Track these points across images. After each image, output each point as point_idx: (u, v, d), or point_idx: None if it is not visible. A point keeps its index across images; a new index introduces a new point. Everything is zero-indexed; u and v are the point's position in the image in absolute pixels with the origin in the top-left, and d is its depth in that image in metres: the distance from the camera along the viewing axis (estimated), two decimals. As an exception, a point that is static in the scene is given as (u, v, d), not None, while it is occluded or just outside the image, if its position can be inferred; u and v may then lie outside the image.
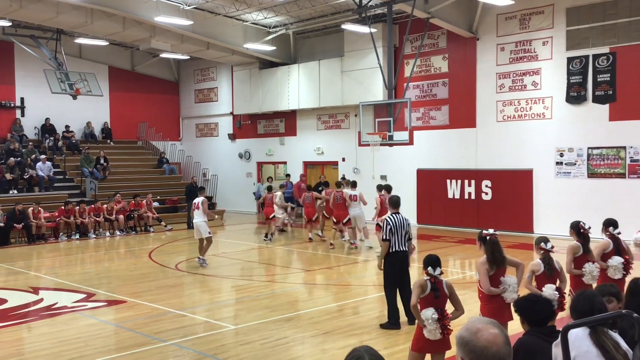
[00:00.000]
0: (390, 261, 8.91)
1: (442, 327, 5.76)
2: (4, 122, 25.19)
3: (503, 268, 6.56)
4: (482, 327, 2.44)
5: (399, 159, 21.62)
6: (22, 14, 19.60)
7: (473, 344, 2.40)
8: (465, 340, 2.43)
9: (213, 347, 8.22)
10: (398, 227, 8.88)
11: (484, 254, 6.60)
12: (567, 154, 18.03)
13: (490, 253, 6.54)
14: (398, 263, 8.93)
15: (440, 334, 5.75)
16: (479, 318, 2.55)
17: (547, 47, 18.27)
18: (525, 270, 6.84)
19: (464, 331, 2.46)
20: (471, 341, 2.41)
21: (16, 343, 8.81)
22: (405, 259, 9.04)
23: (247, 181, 27.50)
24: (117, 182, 24.36)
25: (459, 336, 2.47)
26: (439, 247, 16.28)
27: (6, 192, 21.43)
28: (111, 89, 28.02)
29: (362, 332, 8.72)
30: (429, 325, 5.73)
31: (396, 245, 8.86)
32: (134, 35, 22.13)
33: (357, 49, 22.05)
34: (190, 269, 14.37)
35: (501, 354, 2.39)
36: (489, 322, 2.48)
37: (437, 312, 5.79)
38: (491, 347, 2.38)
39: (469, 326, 2.48)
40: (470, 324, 2.49)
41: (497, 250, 6.55)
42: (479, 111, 19.91)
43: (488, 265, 6.51)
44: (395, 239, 8.84)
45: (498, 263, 6.51)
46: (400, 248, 8.89)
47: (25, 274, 14.00)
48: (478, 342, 2.39)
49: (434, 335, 5.73)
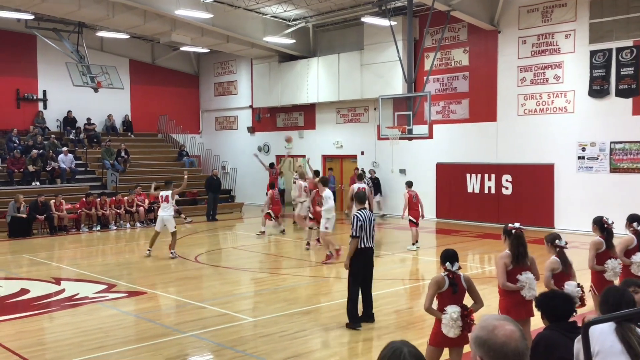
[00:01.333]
0: (358, 257, 8.71)
1: (464, 324, 5.69)
2: (27, 114, 25.49)
3: (524, 264, 6.46)
4: (498, 324, 2.43)
5: (418, 153, 21.53)
6: (44, 7, 19.79)
7: (492, 342, 2.39)
8: (482, 339, 2.41)
9: (232, 339, 8.27)
10: (367, 223, 8.74)
11: (507, 248, 6.53)
12: (589, 149, 17.81)
13: (515, 247, 6.45)
14: (364, 259, 8.79)
15: (461, 332, 5.68)
16: (492, 316, 2.53)
17: (570, 40, 18.04)
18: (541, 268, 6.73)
19: (480, 330, 2.45)
20: (489, 339, 2.39)
21: (38, 333, 8.93)
22: (371, 256, 8.95)
23: (266, 174, 27.54)
24: (138, 175, 24.55)
25: (474, 336, 2.46)
26: (458, 242, 16.20)
27: (29, 184, 21.70)
28: (132, 82, 28.23)
29: (381, 325, 8.71)
30: (452, 323, 5.66)
31: (365, 241, 8.72)
32: (154, 29, 22.25)
33: (377, 42, 21.96)
34: (210, 262, 14.46)
35: (520, 348, 2.38)
36: (503, 318, 2.47)
37: (460, 308, 5.72)
38: (510, 342, 2.38)
39: (483, 324, 2.47)
40: (485, 322, 2.48)
41: (522, 245, 6.48)
42: (499, 105, 19.74)
43: (508, 260, 6.44)
44: (364, 235, 8.70)
45: (521, 258, 6.44)
46: (368, 244, 8.77)
47: (47, 265, 14.19)
48: (497, 339, 2.38)
49: (453, 333, 5.67)
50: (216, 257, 15.35)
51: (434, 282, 5.87)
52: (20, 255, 15.69)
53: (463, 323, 5.66)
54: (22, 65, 25.28)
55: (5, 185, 21.49)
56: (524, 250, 6.46)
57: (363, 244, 8.69)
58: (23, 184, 21.62)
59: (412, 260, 14.38)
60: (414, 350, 2.40)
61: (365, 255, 8.77)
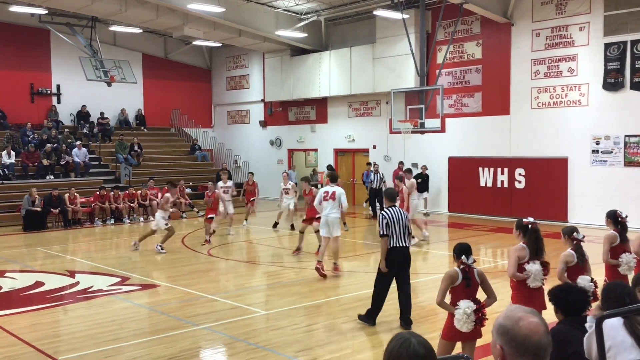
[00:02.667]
0: (391, 256, 8.35)
1: (477, 319, 5.67)
2: (41, 109, 25.68)
3: (541, 258, 6.44)
4: (523, 315, 2.41)
5: (430, 147, 21.46)
6: (58, 2, 19.90)
7: (514, 333, 2.37)
8: (506, 328, 2.40)
9: (244, 332, 8.31)
10: (395, 221, 8.33)
11: (521, 242, 6.50)
12: (603, 142, 17.67)
13: (533, 242, 6.41)
14: (397, 259, 8.37)
15: (474, 326, 5.67)
16: (518, 306, 2.51)
17: (584, 33, 17.89)
18: (556, 262, 6.71)
19: (504, 319, 2.43)
20: (512, 329, 2.38)
21: (53, 325, 9.03)
22: (406, 256, 8.48)
23: (278, 168, 27.59)
24: (151, 169, 24.69)
25: (498, 324, 2.44)
26: (471, 236, 16.15)
27: (43, 178, 21.89)
28: (145, 76, 28.34)
29: (392, 319, 8.71)
30: (465, 318, 5.64)
31: (396, 240, 8.32)
32: (167, 23, 22.31)
33: (389, 36, 21.88)
34: (223, 255, 14.52)
35: (542, 343, 2.36)
36: (529, 310, 2.45)
37: (473, 302, 5.71)
38: (533, 336, 2.36)
39: (509, 314, 2.45)
40: (510, 312, 2.46)
41: (539, 239, 6.45)
42: (513, 98, 19.62)
43: (523, 253, 6.40)
44: (394, 234, 8.30)
45: (540, 253, 6.42)
46: (399, 244, 8.33)
47: (62, 258, 14.32)
48: (520, 331, 2.37)
49: (466, 328, 5.65)
50: (228, 250, 15.40)
51: (447, 276, 5.85)
52: (35, 248, 15.84)
53: (476, 318, 5.65)
54: (36, 59, 25.45)
55: (20, 179, 21.68)
56: (542, 244, 6.44)
57: (393, 242, 8.29)
58: (37, 177, 21.81)
59: (423, 253, 14.36)
60: (422, 341, 2.39)
61: (397, 255, 8.35)
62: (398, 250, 8.36)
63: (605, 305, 4.05)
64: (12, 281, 11.87)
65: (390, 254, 8.33)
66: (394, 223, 8.30)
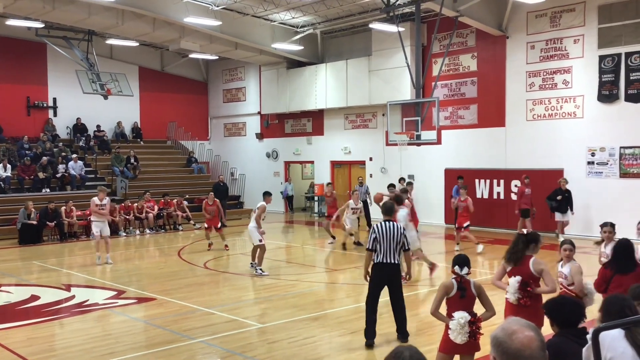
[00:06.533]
0: (376, 273, 8.15)
1: (471, 332, 5.66)
2: (37, 122, 25.68)
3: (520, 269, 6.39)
4: (518, 329, 2.40)
5: (426, 159, 21.51)
6: (54, 16, 19.96)
7: (507, 346, 2.36)
8: (499, 340, 2.40)
9: (240, 345, 8.28)
10: (385, 236, 8.04)
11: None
12: (598, 154, 17.74)
13: (509, 247, 6.56)
14: (384, 277, 8.13)
15: (468, 338, 5.66)
16: (516, 319, 2.51)
17: (579, 45, 18.01)
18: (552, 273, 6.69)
19: (500, 331, 2.43)
20: (505, 342, 2.37)
21: (49, 339, 8.98)
22: (394, 274, 8.18)
23: (275, 180, 27.61)
24: (147, 181, 24.67)
25: (493, 336, 2.44)
26: (467, 248, 16.14)
27: (39, 191, 21.84)
28: (141, 89, 28.39)
29: (390, 331, 8.68)
30: (459, 329, 5.63)
31: (383, 256, 8.02)
32: (163, 36, 22.39)
33: (385, 48, 21.99)
34: (219, 268, 14.49)
35: (535, 357, 2.35)
36: (525, 324, 2.43)
37: (468, 314, 5.71)
38: (525, 350, 2.34)
39: (504, 326, 2.45)
40: (507, 324, 2.46)
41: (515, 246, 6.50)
42: (508, 110, 19.71)
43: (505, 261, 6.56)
44: (382, 249, 8.02)
45: (510, 259, 6.48)
46: (387, 260, 8.02)
47: (57, 271, 14.26)
48: (512, 344, 2.36)
49: (460, 339, 5.64)
50: (225, 263, 15.36)
51: (442, 287, 5.91)
52: (30, 261, 15.77)
53: (470, 330, 5.64)
54: (33, 73, 25.49)
55: (16, 192, 21.64)
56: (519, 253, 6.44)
57: (380, 258, 8.04)
58: (33, 190, 21.76)
59: (421, 265, 14.34)
60: (416, 354, 2.40)
61: (383, 272, 8.10)
62: (385, 267, 8.08)
63: (605, 319, 4.04)
64: (8, 295, 11.81)
65: (376, 270, 8.14)
66: (384, 238, 8.03)
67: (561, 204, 16.90)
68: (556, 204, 16.74)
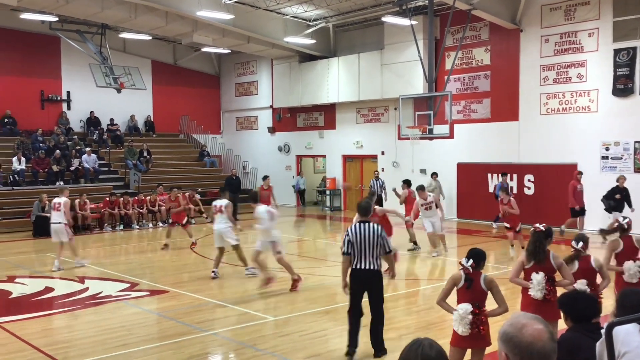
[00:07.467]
0: (352, 280, 7.49)
1: (472, 323, 5.67)
2: (51, 115, 25.85)
3: (542, 265, 6.43)
4: (527, 322, 2.40)
5: (438, 153, 21.43)
6: (68, 9, 20.05)
7: (518, 340, 2.37)
8: (509, 335, 2.40)
9: (252, 338, 8.32)
10: (361, 239, 7.32)
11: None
12: (613, 148, 17.60)
13: (531, 244, 6.52)
14: (362, 284, 7.44)
15: (469, 330, 5.66)
16: (523, 313, 2.51)
17: (593, 39, 17.84)
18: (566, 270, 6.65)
19: (508, 326, 2.43)
20: (516, 337, 2.38)
21: (63, 330, 9.07)
22: (373, 279, 7.44)
23: (287, 174, 27.64)
24: (160, 175, 24.77)
25: (502, 332, 2.44)
26: (479, 242, 16.09)
27: (53, 184, 21.99)
28: (154, 83, 28.49)
29: (401, 325, 8.69)
30: (460, 319, 5.65)
31: (358, 261, 7.33)
32: (176, 30, 22.44)
33: (398, 42, 21.90)
34: (230, 261, 14.53)
35: (546, 349, 2.35)
36: (533, 317, 2.44)
37: (473, 306, 5.71)
38: (537, 342, 2.35)
39: (513, 322, 2.45)
40: (515, 319, 2.46)
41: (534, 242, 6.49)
42: (521, 104, 19.59)
43: (524, 257, 6.51)
44: (357, 254, 7.33)
45: (535, 257, 6.45)
46: (364, 265, 7.31)
47: (71, 264, 14.36)
48: (523, 338, 2.36)
49: (461, 330, 5.67)
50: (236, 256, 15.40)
51: (451, 278, 6.00)
52: (44, 254, 15.90)
53: (471, 321, 5.64)
54: (47, 66, 25.64)
55: (30, 185, 21.81)
56: (540, 250, 6.44)
57: (356, 264, 7.35)
58: (47, 183, 21.93)
59: (433, 260, 14.31)
60: (434, 344, 2.41)
61: (360, 279, 7.40)
62: (362, 273, 7.36)
63: (619, 312, 4.02)
64: (22, 287, 11.93)
65: (353, 277, 7.44)
66: (359, 241, 7.30)
67: (619, 203, 16.09)
68: (614, 203, 16.30)
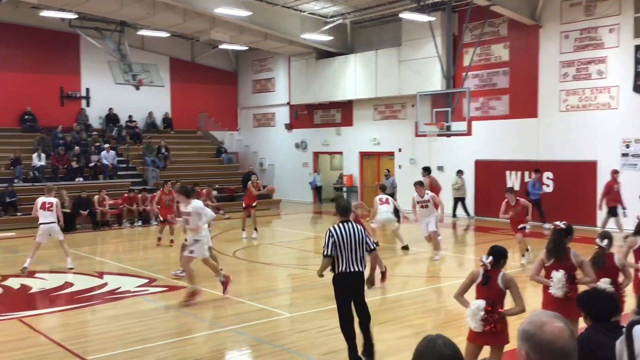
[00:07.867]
0: (338, 285, 6.99)
1: (485, 320, 5.64)
2: (70, 112, 26.09)
3: (562, 263, 6.39)
4: (547, 320, 2.39)
5: (456, 150, 21.31)
6: (87, 7, 20.23)
7: (538, 338, 2.35)
8: (530, 334, 2.38)
9: (269, 334, 8.35)
10: (345, 239, 6.80)
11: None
12: (633, 145, 17.38)
13: (551, 242, 6.50)
14: (348, 287, 6.97)
15: (482, 326, 5.63)
16: (543, 311, 2.49)
17: (614, 35, 17.62)
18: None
19: (528, 325, 2.42)
20: (536, 335, 2.36)
21: (82, 325, 9.16)
22: (359, 282, 7.02)
23: (303, 171, 27.67)
24: (178, 171, 24.91)
25: (522, 330, 2.43)
26: (497, 240, 15.97)
27: (72, 180, 22.23)
28: (172, 80, 28.65)
29: (418, 323, 8.67)
30: (472, 315, 5.65)
31: (345, 264, 6.81)
32: (194, 27, 22.53)
33: (415, 38, 21.80)
34: (248, 257, 14.59)
35: (567, 347, 2.34)
36: (553, 315, 2.43)
37: (487, 303, 5.68)
38: (557, 341, 2.34)
39: (533, 320, 2.43)
40: (534, 317, 2.44)
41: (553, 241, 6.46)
42: (541, 101, 19.41)
43: (544, 255, 6.49)
44: (343, 256, 6.81)
45: (555, 255, 6.42)
46: (351, 268, 6.82)
47: (90, 259, 14.52)
48: (544, 336, 2.35)
49: (473, 325, 5.67)
50: (254, 252, 15.47)
51: (470, 273, 6.02)
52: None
53: (484, 318, 5.61)
54: (66, 63, 25.87)
55: (50, 180, 21.96)
56: (560, 248, 6.42)
57: (341, 267, 6.85)
58: (67, 179, 22.15)
59: (449, 257, 14.26)
60: (449, 342, 2.40)
61: (347, 282, 6.93)
62: (350, 277, 6.89)
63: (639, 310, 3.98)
64: (42, 282, 12.07)
65: (340, 282, 6.96)
66: (345, 242, 6.81)
67: None
68: None
